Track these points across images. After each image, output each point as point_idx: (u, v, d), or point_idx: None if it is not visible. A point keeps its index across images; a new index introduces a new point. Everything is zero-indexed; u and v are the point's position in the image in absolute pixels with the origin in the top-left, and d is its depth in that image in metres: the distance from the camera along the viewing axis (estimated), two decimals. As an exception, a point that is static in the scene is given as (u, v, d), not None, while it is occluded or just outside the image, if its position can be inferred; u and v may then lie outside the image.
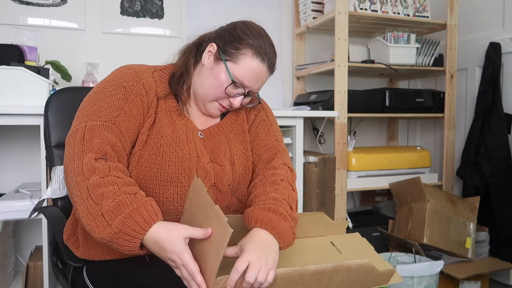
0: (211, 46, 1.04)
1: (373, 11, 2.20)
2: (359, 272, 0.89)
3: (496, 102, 2.19)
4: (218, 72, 1.02)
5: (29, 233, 2.04)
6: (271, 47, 1.04)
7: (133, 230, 0.81)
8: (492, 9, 2.34)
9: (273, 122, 1.19)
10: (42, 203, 1.22)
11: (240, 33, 1.02)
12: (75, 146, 0.90)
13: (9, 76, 1.54)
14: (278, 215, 0.91)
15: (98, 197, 0.84)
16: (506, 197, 2.14)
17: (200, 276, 0.78)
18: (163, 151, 0.97)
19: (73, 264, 1.00)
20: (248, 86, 1.03)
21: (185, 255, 0.80)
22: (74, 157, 0.89)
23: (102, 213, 0.83)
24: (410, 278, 1.74)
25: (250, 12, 2.42)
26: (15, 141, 2.03)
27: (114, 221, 0.82)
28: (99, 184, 0.85)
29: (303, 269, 0.82)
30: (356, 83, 2.59)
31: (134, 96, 0.98)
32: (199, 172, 1.00)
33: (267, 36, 1.05)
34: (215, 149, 1.06)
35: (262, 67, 1.02)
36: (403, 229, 2.11)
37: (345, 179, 2.13)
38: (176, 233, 0.81)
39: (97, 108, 0.95)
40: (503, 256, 2.13)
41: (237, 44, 1.01)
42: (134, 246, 0.82)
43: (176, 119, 1.03)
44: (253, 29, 1.03)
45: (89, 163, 0.87)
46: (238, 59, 1.01)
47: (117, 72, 1.02)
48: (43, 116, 1.19)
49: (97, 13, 2.15)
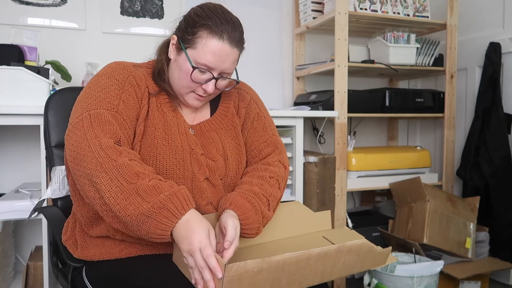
0: (173, 39, 1.03)
1: (373, 11, 2.20)
2: (359, 253, 0.91)
3: (496, 102, 2.19)
4: (182, 62, 1.00)
5: (29, 233, 2.04)
6: (228, 22, 0.99)
7: (176, 207, 0.82)
8: (492, 9, 2.34)
9: (267, 115, 1.19)
10: (42, 203, 1.23)
11: (194, 17, 1.00)
12: (85, 132, 0.88)
13: (9, 76, 1.54)
14: (252, 207, 0.95)
15: (131, 176, 0.83)
16: (506, 197, 2.15)
17: (215, 260, 0.78)
18: (157, 143, 0.98)
19: (72, 264, 1.00)
20: (214, 68, 1.00)
21: (205, 240, 0.80)
22: (90, 141, 0.86)
23: (137, 191, 0.82)
24: (410, 278, 1.74)
25: (250, 12, 2.42)
26: (15, 141, 2.03)
27: (155, 198, 0.81)
28: (129, 165, 0.84)
29: (309, 251, 0.83)
30: (356, 83, 2.59)
31: (128, 87, 0.98)
32: (193, 164, 1.00)
33: (224, 12, 1.02)
34: (207, 144, 1.06)
35: (222, 45, 0.98)
36: (403, 229, 2.11)
37: (345, 179, 2.13)
38: (206, 223, 0.84)
39: (96, 98, 0.94)
40: (503, 256, 2.13)
41: (192, 29, 0.99)
42: (171, 224, 0.81)
43: (167, 113, 1.03)
44: (207, 9, 1.00)
45: (112, 146, 0.86)
46: (195, 43, 0.98)
47: (106, 67, 1.03)
48: (43, 116, 1.20)
49: (97, 13, 2.15)
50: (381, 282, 1.79)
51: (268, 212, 1.01)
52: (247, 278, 0.76)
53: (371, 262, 0.96)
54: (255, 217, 0.95)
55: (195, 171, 1.00)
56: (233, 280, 0.75)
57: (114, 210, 0.82)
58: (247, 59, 2.43)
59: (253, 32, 2.47)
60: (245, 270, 0.76)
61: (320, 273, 0.87)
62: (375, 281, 1.81)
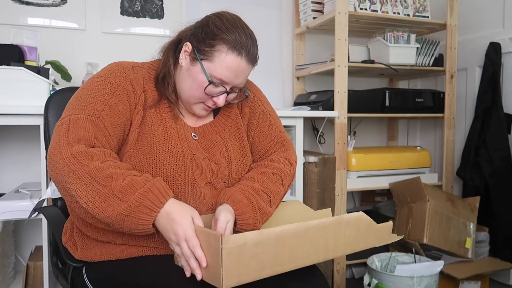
0: (186, 46, 1.01)
1: (373, 11, 2.20)
2: (359, 226, 0.91)
3: (496, 102, 2.19)
4: (196, 73, 0.98)
5: (29, 233, 2.04)
6: (248, 37, 0.98)
7: (152, 203, 0.84)
8: (492, 9, 2.34)
9: (272, 112, 1.17)
10: (42, 203, 1.23)
11: (213, 28, 0.97)
12: (59, 138, 0.88)
13: (9, 76, 1.54)
14: (249, 203, 0.96)
15: (104, 179, 0.84)
16: (506, 197, 2.15)
17: (201, 250, 0.81)
18: (156, 150, 0.96)
19: (72, 265, 1.00)
20: (228, 83, 0.99)
21: (189, 230, 0.83)
22: (61, 148, 0.86)
23: (113, 193, 0.83)
24: (410, 278, 1.74)
25: (250, 12, 2.42)
26: (15, 141, 2.03)
27: (131, 196, 0.83)
28: (101, 168, 0.85)
29: (307, 223, 0.83)
30: (356, 83, 2.59)
31: (121, 92, 0.97)
32: (194, 170, 0.99)
33: (243, 26, 1.00)
34: (210, 147, 1.05)
35: (240, 61, 0.97)
36: (403, 229, 2.11)
37: (345, 179, 2.13)
38: (187, 209, 0.87)
39: (82, 102, 0.94)
40: (503, 256, 2.13)
41: (211, 41, 0.96)
42: (151, 219, 0.84)
43: (167, 118, 1.02)
44: (227, 22, 0.98)
45: (83, 151, 0.86)
46: (213, 56, 0.96)
47: (105, 68, 1.02)
48: (43, 116, 1.20)
49: (97, 13, 2.15)
50: (381, 282, 1.79)
51: (270, 208, 1.01)
52: (246, 251, 0.77)
53: (374, 237, 0.95)
54: (252, 213, 0.96)
55: (196, 177, 0.99)
56: (232, 253, 0.75)
57: (93, 213, 0.84)
58: (247, 59, 2.36)
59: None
60: (243, 243, 0.76)
61: (322, 247, 0.87)
62: (375, 281, 1.81)
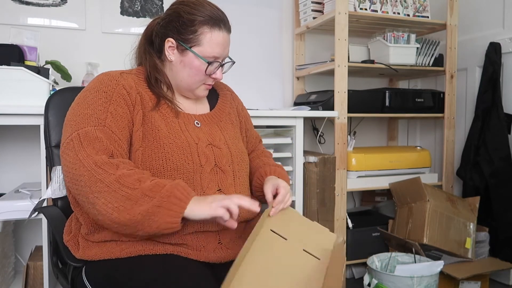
0: (169, 42, 1.06)
1: (373, 11, 2.20)
2: None
3: (496, 102, 2.19)
4: (190, 61, 1.05)
5: (29, 233, 2.04)
6: (217, 9, 1.06)
7: (182, 194, 0.88)
8: (492, 9, 2.34)
9: (246, 111, 1.32)
10: (42, 203, 1.23)
11: (187, 16, 1.03)
12: (77, 153, 0.90)
13: (9, 76, 1.54)
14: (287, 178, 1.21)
15: (133, 183, 0.87)
16: (506, 197, 2.14)
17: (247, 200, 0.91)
18: (163, 143, 1.00)
19: (73, 264, 1.00)
20: (220, 57, 1.07)
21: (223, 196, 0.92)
22: (83, 161, 0.88)
23: (143, 193, 0.87)
24: (410, 278, 1.74)
25: (250, 12, 2.42)
26: (15, 141, 2.03)
27: (161, 191, 0.87)
28: (129, 174, 0.88)
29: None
30: (356, 83, 2.59)
31: (116, 97, 1.00)
32: (200, 157, 1.03)
33: (208, 2, 1.07)
34: (211, 134, 1.10)
35: (223, 34, 1.06)
36: (403, 229, 2.11)
37: (345, 179, 2.13)
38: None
39: (83, 116, 0.96)
40: (503, 256, 2.13)
41: (191, 28, 1.03)
42: (181, 210, 0.87)
43: (168, 115, 1.06)
44: (194, 5, 1.04)
45: (107, 162, 0.89)
46: (199, 40, 1.03)
47: (95, 80, 1.04)
48: (43, 116, 1.20)
49: (97, 13, 2.15)
50: (381, 282, 1.79)
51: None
52: None
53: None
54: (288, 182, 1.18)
55: (202, 163, 1.03)
56: None
57: (122, 217, 0.85)
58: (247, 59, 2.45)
59: (253, 32, 2.48)
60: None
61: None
62: (375, 281, 1.81)
